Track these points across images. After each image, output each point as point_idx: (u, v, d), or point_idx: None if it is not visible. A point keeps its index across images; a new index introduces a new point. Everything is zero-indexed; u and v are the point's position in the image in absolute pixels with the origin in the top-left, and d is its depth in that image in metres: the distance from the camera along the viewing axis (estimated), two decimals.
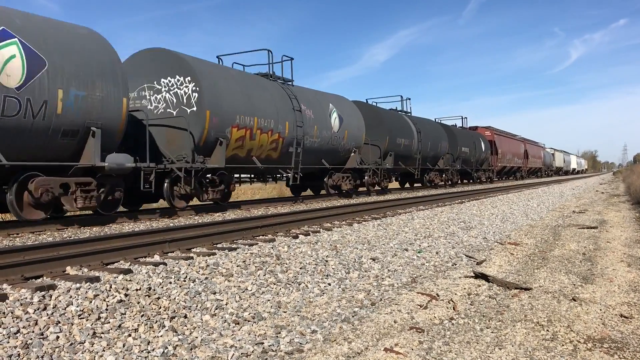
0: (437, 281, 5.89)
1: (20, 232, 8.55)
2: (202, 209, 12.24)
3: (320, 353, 3.65)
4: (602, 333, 4.04)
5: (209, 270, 5.55)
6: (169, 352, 3.66)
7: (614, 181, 45.91)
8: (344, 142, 17.76)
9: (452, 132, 29.42)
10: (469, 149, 31.18)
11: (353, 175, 18.79)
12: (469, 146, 31.29)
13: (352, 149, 18.31)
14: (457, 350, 3.67)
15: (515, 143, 47.17)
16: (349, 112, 18.60)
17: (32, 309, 3.93)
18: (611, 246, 8.22)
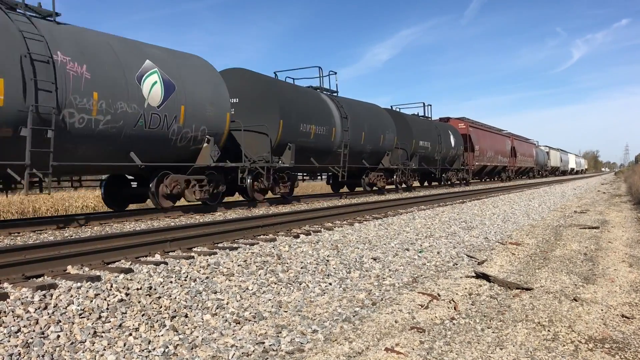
0: (438, 281, 5.88)
1: (21, 231, 8.55)
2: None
3: (321, 353, 3.64)
4: (604, 333, 4.04)
5: (209, 269, 5.55)
6: (169, 352, 3.65)
7: (615, 181, 45.84)
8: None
9: (404, 122, 23.92)
10: (430, 144, 25.60)
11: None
12: (431, 140, 25.90)
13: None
14: (458, 350, 3.66)
15: (499, 139, 40.98)
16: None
17: (33, 308, 3.93)
18: (613, 246, 8.21)
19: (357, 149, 18.61)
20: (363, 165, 19.67)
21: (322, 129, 16.47)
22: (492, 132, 40.12)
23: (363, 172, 20.22)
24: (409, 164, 22.94)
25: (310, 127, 15.92)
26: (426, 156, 25.35)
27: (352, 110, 18.55)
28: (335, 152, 17.38)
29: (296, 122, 15.17)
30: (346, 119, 17.82)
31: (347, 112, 18.15)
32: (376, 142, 20.07)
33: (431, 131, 26.05)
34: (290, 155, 14.92)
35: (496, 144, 39.46)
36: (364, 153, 19.41)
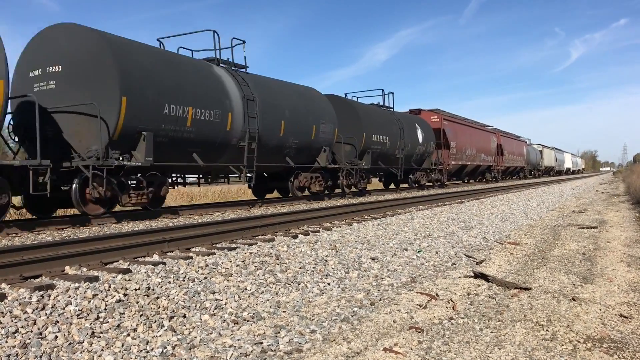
0: (437, 281, 5.88)
1: (18, 231, 8.54)
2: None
3: (320, 353, 3.64)
4: (602, 333, 4.04)
5: (208, 269, 5.54)
6: (167, 352, 3.65)
7: (613, 181, 45.91)
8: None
9: (352, 111, 19.73)
10: (388, 139, 21.31)
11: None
12: (390, 134, 21.64)
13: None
14: (456, 350, 3.66)
15: (482, 135, 36.44)
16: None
17: (30, 308, 3.93)
18: (611, 246, 8.22)
19: (273, 142, 14.43)
20: (287, 164, 15.48)
21: (209, 113, 12.12)
22: (474, 127, 35.52)
23: (291, 173, 16.17)
24: (359, 163, 19.08)
25: (187, 109, 11.52)
26: (384, 153, 21.18)
27: (265, 91, 14.32)
28: (234, 145, 13.14)
29: (156, 102, 10.81)
30: (253, 101, 13.55)
31: (256, 92, 13.84)
32: (306, 135, 15.89)
33: (390, 124, 21.86)
34: (146, 150, 10.52)
35: (478, 140, 35.04)
36: (286, 148, 15.20)
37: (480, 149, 35.10)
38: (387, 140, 21.24)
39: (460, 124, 32.25)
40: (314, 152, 16.86)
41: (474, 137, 34.23)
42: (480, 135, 36.02)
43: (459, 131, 31.10)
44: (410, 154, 23.60)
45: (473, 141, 33.78)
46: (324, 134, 16.91)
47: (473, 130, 34.73)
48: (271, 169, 15.72)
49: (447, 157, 28.60)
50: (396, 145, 22.06)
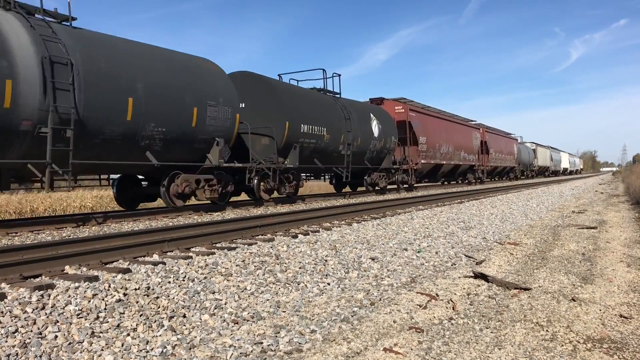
0: (437, 281, 5.88)
1: (19, 231, 8.53)
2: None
3: (320, 353, 3.64)
4: (602, 333, 4.04)
5: (208, 269, 5.54)
6: (167, 352, 3.65)
7: (613, 181, 45.91)
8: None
9: (270, 91, 15.19)
10: (326, 130, 16.63)
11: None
12: (330, 125, 16.87)
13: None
14: (456, 350, 3.66)
15: (462, 130, 31.47)
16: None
17: (30, 308, 3.92)
18: (610, 246, 8.22)
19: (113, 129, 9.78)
20: (146, 162, 10.69)
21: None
22: (451, 120, 30.43)
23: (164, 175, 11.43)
24: (281, 162, 14.69)
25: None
26: (321, 149, 16.59)
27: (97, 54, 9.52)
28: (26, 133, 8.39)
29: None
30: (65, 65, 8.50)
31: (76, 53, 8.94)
32: (181, 121, 11.15)
33: (331, 112, 17.22)
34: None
35: (457, 136, 30.23)
36: (145, 139, 10.44)
37: (459, 146, 30.46)
38: (324, 132, 16.49)
39: (433, 117, 27.56)
40: (202, 146, 12.00)
41: (451, 132, 29.35)
42: (459, 130, 31.02)
43: (430, 125, 26.18)
44: (361, 150, 18.89)
45: (450, 137, 29.01)
46: (214, 120, 12.05)
47: (450, 125, 29.70)
48: (115, 170, 11.28)
49: (415, 155, 23.80)
50: (339, 139, 17.39)
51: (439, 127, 27.72)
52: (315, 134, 16.28)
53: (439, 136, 27.26)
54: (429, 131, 25.83)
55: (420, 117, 25.36)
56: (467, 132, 33.02)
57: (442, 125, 28.46)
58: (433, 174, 28.75)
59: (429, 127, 26.04)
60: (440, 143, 27.51)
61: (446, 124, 29.37)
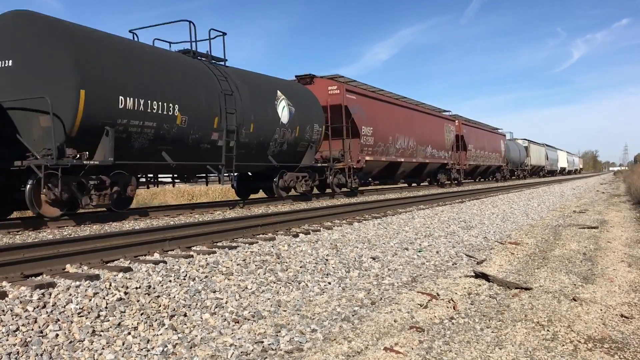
0: (438, 280, 5.88)
1: (20, 229, 8.54)
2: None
3: (320, 352, 3.64)
4: (603, 333, 4.04)
5: (209, 268, 5.54)
6: (168, 351, 3.65)
7: (614, 181, 45.87)
8: None
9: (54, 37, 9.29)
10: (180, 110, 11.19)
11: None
12: (193, 102, 11.66)
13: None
14: (457, 350, 3.66)
15: (428, 121, 26.11)
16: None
17: (31, 306, 3.93)
18: (612, 246, 8.21)
19: None
20: None
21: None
22: (413, 108, 24.81)
23: None
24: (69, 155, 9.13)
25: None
26: (177, 138, 11.30)
27: None
28: None
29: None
30: None
31: None
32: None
33: (194, 82, 11.84)
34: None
35: (421, 128, 24.96)
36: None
37: (425, 141, 25.29)
38: (175, 112, 11.04)
39: (385, 102, 21.69)
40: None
41: (413, 123, 23.96)
42: (425, 121, 25.81)
43: (380, 112, 20.69)
44: (259, 141, 13.89)
45: (411, 129, 23.65)
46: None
47: (411, 114, 24.15)
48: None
49: (356, 151, 18.54)
50: (210, 123, 12.09)
51: (393, 115, 21.98)
52: (156, 114, 10.59)
53: (393, 127, 21.64)
54: (377, 120, 20.12)
55: (364, 102, 19.55)
56: (437, 123, 27.55)
57: (398, 113, 22.59)
58: (389, 175, 23.39)
59: (377, 114, 20.31)
60: (396, 136, 21.93)
61: (405, 112, 23.53)
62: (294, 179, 15.65)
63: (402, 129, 22.74)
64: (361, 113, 19.17)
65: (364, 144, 19.26)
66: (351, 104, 18.53)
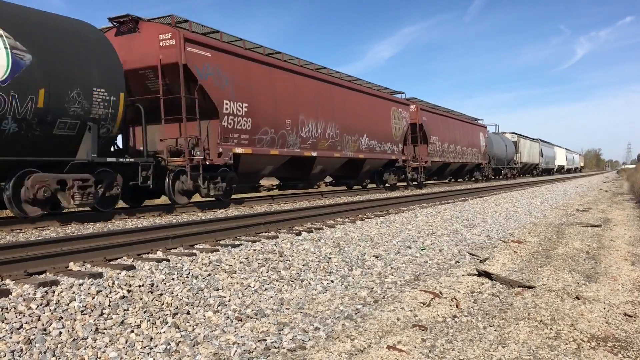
0: (441, 279, 5.87)
1: (23, 227, 8.56)
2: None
3: (323, 350, 3.64)
4: (606, 332, 4.03)
5: (211, 266, 5.55)
6: (171, 349, 3.65)
7: (617, 179, 45.77)
8: None
9: None
10: None
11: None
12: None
13: None
14: (460, 348, 3.66)
15: (368, 103, 20.39)
16: None
17: (35, 304, 3.94)
18: (615, 244, 8.19)
19: None
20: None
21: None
22: (328, 82, 17.75)
23: None
24: None
25: None
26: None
27: None
28: None
29: None
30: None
31: None
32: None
33: None
34: None
35: (348, 110, 18.71)
36: None
37: (356, 128, 19.11)
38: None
39: (271, 67, 14.81)
40: None
41: (328, 102, 17.44)
42: (355, 101, 19.21)
43: (261, 81, 14.21)
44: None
45: (326, 110, 17.26)
46: None
47: (322, 89, 17.22)
48: None
49: (215, 139, 12.57)
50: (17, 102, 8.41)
51: (292, 88, 15.51)
52: None
53: (292, 105, 15.37)
54: (256, 92, 13.93)
55: (229, 63, 13.07)
56: (379, 107, 21.18)
57: (305, 87, 16.14)
58: (298, 175, 17.34)
59: (257, 84, 13.99)
60: (300, 118, 15.68)
61: (318, 87, 16.90)
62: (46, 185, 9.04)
63: (312, 110, 16.40)
64: (222, 79, 12.72)
65: (230, 129, 12.91)
66: (200, 62, 12.19)
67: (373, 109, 20.88)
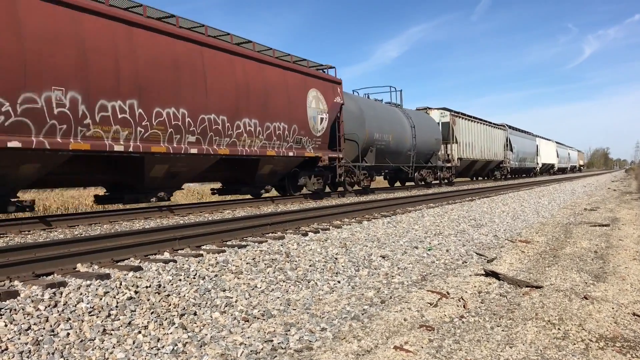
0: (448, 279, 5.85)
1: (31, 229, 8.61)
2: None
3: (330, 351, 3.64)
4: (615, 332, 4.00)
5: (218, 267, 5.56)
6: (178, 349, 3.66)
7: (626, 179, 45.50)
8: None
9: None
10: None
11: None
12: None
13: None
14: (467, 349, 3.65)
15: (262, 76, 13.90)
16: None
17: (43, 305, 3.96)
18: (623, 244, 8.14)
19: None
20: None
21: None
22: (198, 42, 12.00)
23: None
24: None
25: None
26: None
27: None
28: None
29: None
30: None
31: None
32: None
33: None
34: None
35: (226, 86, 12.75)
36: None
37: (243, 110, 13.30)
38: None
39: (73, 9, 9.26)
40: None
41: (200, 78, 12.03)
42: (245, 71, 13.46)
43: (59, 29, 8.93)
44: None
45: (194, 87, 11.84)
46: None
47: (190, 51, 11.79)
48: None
49: None
50: None
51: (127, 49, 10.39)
52: None
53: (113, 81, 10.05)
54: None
55: None
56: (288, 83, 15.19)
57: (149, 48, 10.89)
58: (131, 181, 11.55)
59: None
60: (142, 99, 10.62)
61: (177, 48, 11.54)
62: None
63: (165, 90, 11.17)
64: None
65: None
66: None
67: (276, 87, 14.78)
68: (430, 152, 26.72)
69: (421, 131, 25.07)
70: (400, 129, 23.20)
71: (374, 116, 21.06)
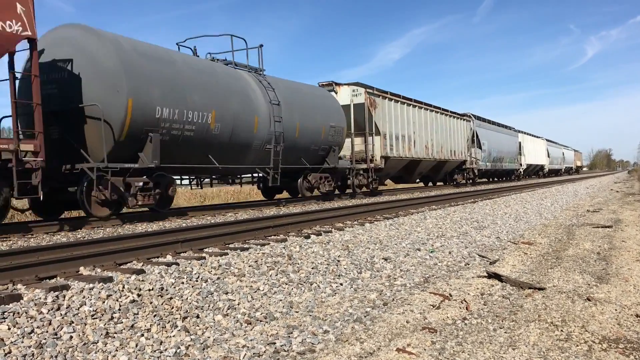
0: (450, 281, 5.85)
1: (34, 233, 8.63)
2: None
3: (333, 353, 3.64)
4: (618, 333, 3.99)
5: (221, 270, 5.56)
6: (181, 352, 3.67)
7: (629, 180, 45.40)
8: None
9: None
10: None
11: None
12: None
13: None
14: (470, 351, 3.64)
15: None
16: None
17: (45, 309, 3.96)
18: (626, 245, 8.12)
19: None
20: None
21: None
22: None
23: None
24: None
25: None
26: None
27: None
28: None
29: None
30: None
31: None
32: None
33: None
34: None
35: None
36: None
37: None
38: None
39: None
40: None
41: None
42: None
43: None
44: None
45: None
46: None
47: None
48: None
49: None
50: None
51: None
52: None
53: None
54: None
55: None
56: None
57: None
58: None
59: None
60: None
61: None
62: None
63: None
64: None
65: None
66: None
67: None
68: (322, 146, 16.99)
69: (299, 113, 15.63)
70: (240, 106, 13.22)
71: (158, 77, 10.97)
